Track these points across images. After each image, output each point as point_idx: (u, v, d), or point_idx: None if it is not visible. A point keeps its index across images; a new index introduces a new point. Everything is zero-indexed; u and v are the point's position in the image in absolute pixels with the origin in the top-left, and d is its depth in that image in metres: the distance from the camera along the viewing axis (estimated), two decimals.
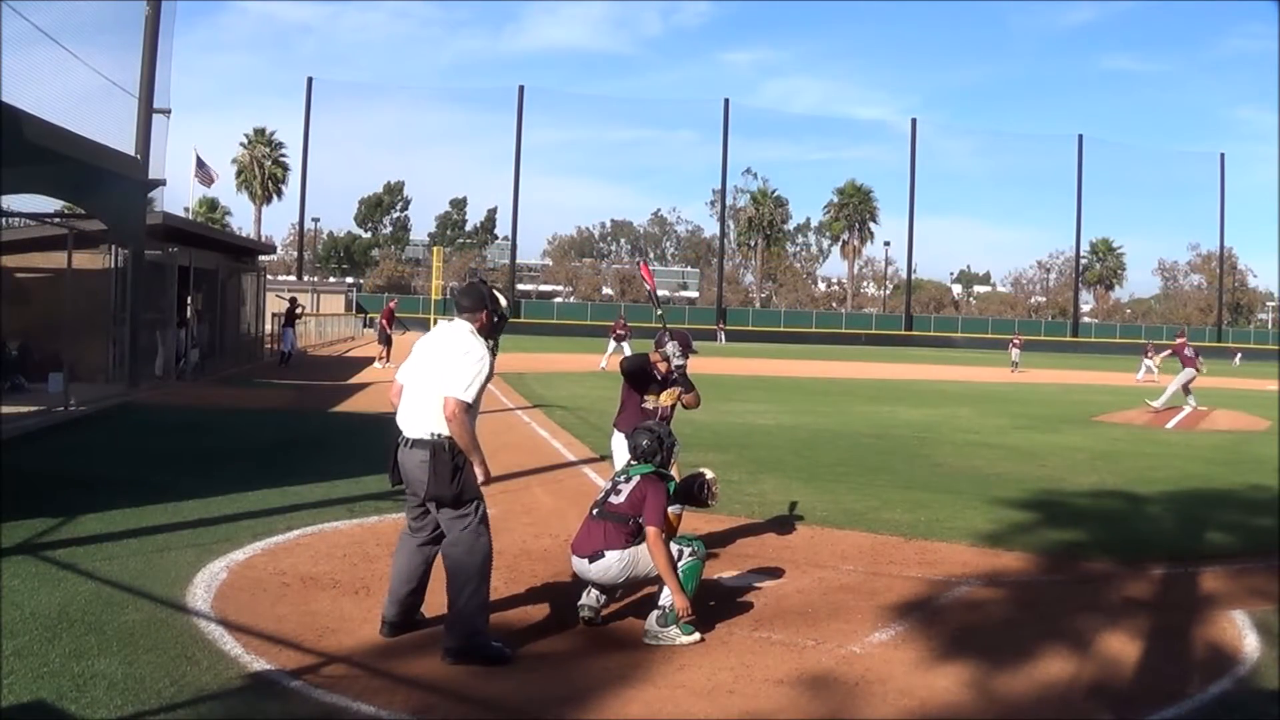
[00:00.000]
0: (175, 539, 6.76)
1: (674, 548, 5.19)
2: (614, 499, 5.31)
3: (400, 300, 40.95)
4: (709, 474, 5.78)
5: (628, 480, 5.38)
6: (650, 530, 5.10)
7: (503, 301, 5.10)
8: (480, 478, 4.79)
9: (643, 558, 5.11)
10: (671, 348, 6.45)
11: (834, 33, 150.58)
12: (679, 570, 5.12)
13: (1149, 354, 35.61)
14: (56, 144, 12.83)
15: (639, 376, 6.62)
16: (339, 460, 10.30)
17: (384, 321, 29.11)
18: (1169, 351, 20.85)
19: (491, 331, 5.03)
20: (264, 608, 5.35)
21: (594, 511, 5.36)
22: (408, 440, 4.82)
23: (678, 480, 5.67)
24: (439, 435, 4.74)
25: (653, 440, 5.52)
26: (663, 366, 6.56)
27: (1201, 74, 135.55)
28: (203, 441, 11.84)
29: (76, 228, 15.08)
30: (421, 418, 4.80)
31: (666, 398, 6.59)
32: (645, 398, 6.59)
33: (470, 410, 4.76)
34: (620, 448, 6.62)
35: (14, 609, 5.07)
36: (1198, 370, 20.43)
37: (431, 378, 4.81)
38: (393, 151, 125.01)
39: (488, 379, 4.82)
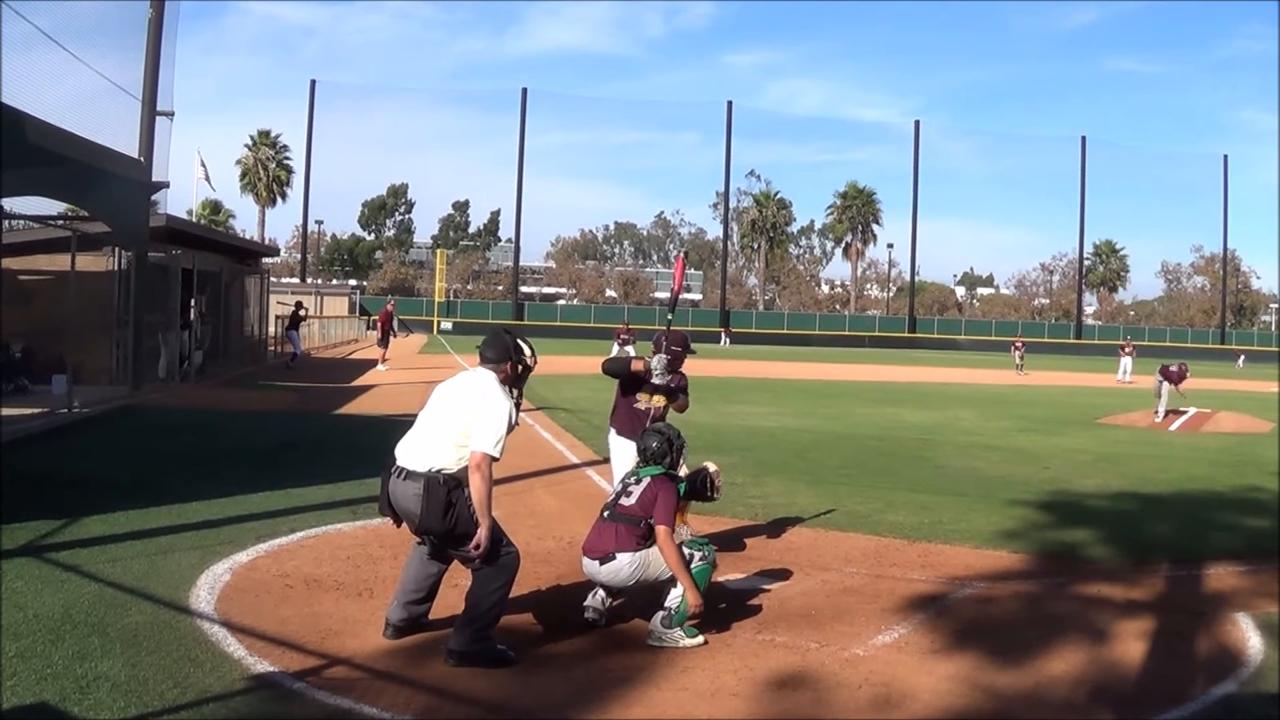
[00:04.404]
0: (179, 541, 6.76)
1: (685, 551, 5.19)
2: (625, 501, 5.31)
3: (404, 303, 40.91)
4: (712, 468, 5.78)
5: (638, 482, 5.38)
6: (661, 529, 5.10)
7: (526, 351, 5.08)
8: (480, 537, 4.65)
9: (654, 560, 5.11)
10: (657, 361, 6.42)
11: (837, 34, 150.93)
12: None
13: (1125, 350, 35.50)
14: (59, 146, 12.87)
15: (623, 381, 6.64)
16: (342, 462, 10.31)
17: (381, 324, 29.11)
18: (1160, 377, 20.12)
19: (516, 381, 5.04)
20: (267, 610, 5.35)
21: (605, 514, 5.35)
22: (402, 471, 4.78)
23: (686, 481, 5.68)
24: (436, 471, 4.70)
25: (662, 442, 5.51)
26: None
27: (1205, 75, 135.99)
28: (206, 443, 11.85)
29: (80, 230, 15.08)
30: (424, 453, 4.77)
31: (659, 400, 6.59)
32: (637, 397, 6.60)
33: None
34: (616, 446, 6.64)
35: (17, 610, 5.08)
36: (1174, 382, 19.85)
37: (447, 420, 4.79)
38: (396, 154, 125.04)
39: (510, 430, 4.80)
